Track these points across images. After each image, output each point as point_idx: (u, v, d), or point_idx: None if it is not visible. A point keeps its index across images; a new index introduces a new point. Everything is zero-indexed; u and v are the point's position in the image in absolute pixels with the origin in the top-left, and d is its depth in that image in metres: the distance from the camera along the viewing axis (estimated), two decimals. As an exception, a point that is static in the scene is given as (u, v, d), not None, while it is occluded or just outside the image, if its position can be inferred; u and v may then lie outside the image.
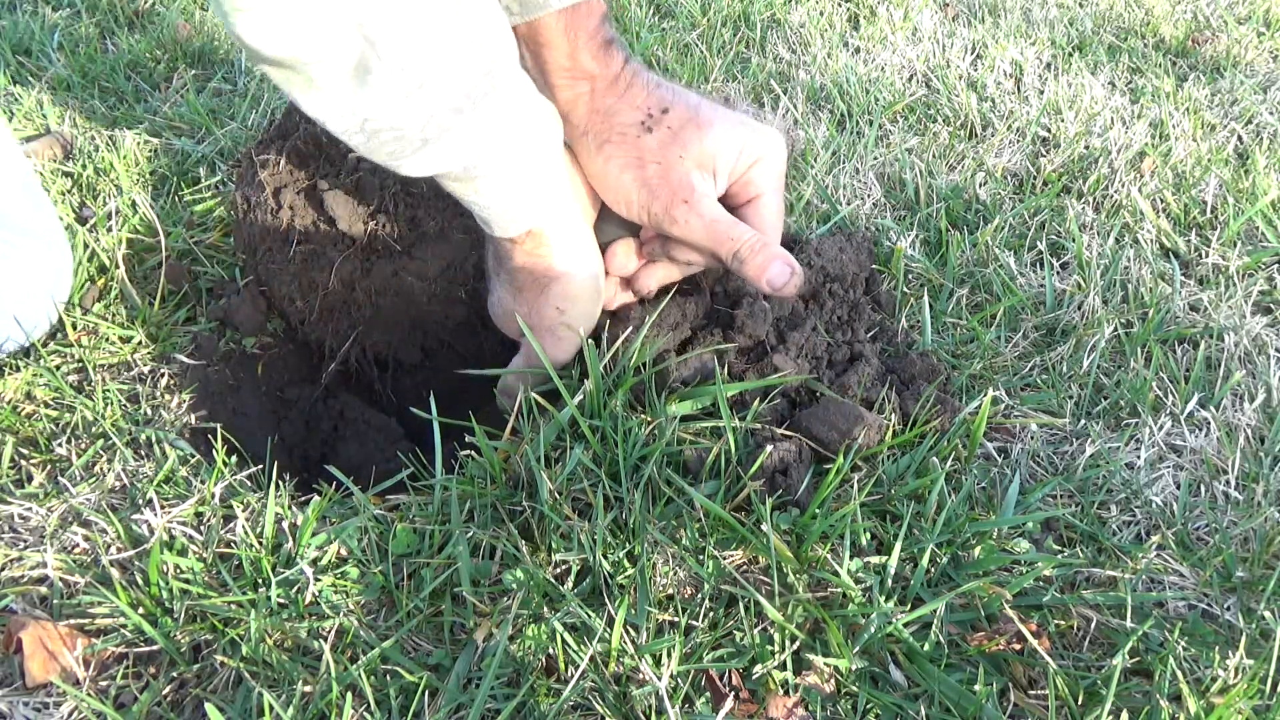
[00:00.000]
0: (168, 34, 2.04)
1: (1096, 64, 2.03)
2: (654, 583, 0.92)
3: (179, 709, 0.85)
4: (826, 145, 1.68)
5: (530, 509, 0.98)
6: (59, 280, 1.22)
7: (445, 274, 1.26)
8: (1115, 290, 1.36)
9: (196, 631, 0.89)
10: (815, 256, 1.23)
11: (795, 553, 0.93)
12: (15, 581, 0.94)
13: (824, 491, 0.95)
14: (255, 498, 1.01)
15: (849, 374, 1.10)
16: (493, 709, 0.83)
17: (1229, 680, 0.83)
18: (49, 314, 1.20)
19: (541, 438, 1.01)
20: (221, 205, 1.46)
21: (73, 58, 1.93)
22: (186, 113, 1.75)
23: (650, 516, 0.96)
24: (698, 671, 0.86)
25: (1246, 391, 1.20)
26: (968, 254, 1.42)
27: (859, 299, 1.23)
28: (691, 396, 1.05)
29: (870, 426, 1.02)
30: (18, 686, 0.85)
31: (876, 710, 0.85)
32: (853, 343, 1.17)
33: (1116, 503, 1.07)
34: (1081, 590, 0.96)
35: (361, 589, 0.93)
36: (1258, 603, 0.94)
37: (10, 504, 1.00)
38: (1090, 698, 0.84)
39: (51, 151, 1.60)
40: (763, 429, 1.04)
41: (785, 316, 1.15)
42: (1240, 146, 1.74)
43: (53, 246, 1.22)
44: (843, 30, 2.16)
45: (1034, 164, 1.67)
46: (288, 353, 1.39)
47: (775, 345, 1.11)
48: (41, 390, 1.15)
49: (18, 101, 1.76)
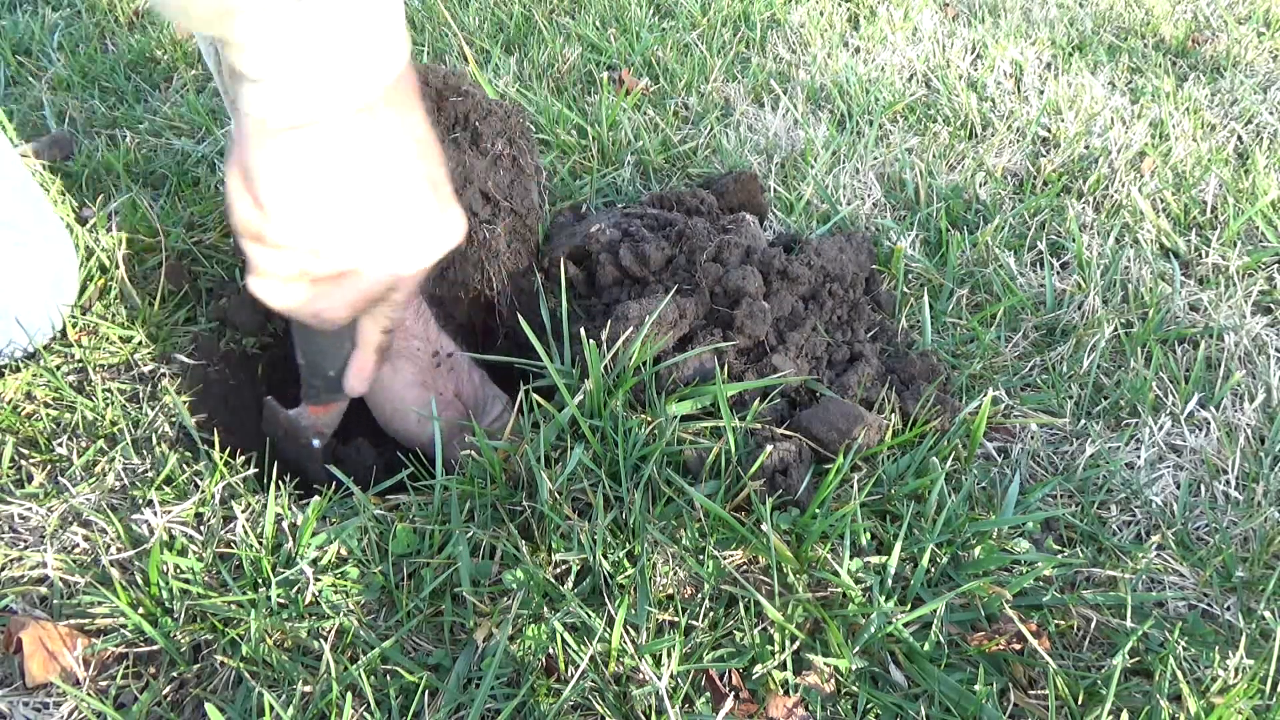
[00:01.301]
0: (168, 34, 2.04)
1: (1096, 64, 2.03)
2: (654, 583, 0.92)
3: (179, 709, 0.85)
4: (826, 145, 1.68)
5: (530, 509, 0.98)
6: (63, 284, 1.22)
7: (445, 274, 1.26)
8: (1115, 290, 1.36)
9: (196, 631, 0.89)
10: (815, 256, 1.23)
11: (795, 553, 0.93)
12: (15, 581, 0.94)
13: (824, 491, 0.95)
14: (255, 498, 1.01)
15: (849, 374, 1.10)
16: (493, 709, 0.83)
17: (1229, 680, 0.83)
18: (52, 319, 1.19)
19: (541, 438, 1.01)
20: (221, 205, 1.46)
21: (73, 58, 1.93)
22: (186, 113, 1.75)
23: (650, 516, 0.96)
24: (698, 671, 0.86)
25: (1246, 391, 1.20)
26: (968, 254, 1.42)
27: (859, 299, 1.23)
28: (691, 396, 1.05)
29: (870, 426, 1.02)
30: (18, 686, 0.85)
31: (876, 710, 0.85)
32: (853, 343, 1.17)
33: (1116, 503, 1.07)
34: (1081, 590, 0.96)
35: (361, 589, 0.93)
36: (1258, 603, 0.94)
37: (10, 504, 1.00)
38: (1090, 698, 0.84)
39: (52, 153, 1.60)
40: (763, 429, 1.04)
41: (785, 317, 1.15)
42: (1240, 146, 1.74)
43: (56, 250, 1.22)
44: (843, 30, 2.16)
45: (1034, 164, 1.67)
46: (288, 353, 1.39)
47: (775, 345, 1.11)
48: (42, 390, 1.15)
49: (18, 101, 1.76)
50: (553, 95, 1.83)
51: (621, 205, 1.49)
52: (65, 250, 1.23)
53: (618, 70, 1.94)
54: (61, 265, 1.22)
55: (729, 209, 1.46)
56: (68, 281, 1.23)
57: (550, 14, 2.17)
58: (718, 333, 1.11)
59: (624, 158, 1.62)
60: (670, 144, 1.67)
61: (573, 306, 1.22)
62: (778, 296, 1.15)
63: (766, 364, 1.09)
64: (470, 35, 2.05)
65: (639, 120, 1.71)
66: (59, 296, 1.20)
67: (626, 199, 1.54)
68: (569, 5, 2.22)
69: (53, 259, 1.21)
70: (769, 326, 1.11)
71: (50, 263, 1.21)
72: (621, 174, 1.58)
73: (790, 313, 1.16)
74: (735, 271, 1.14)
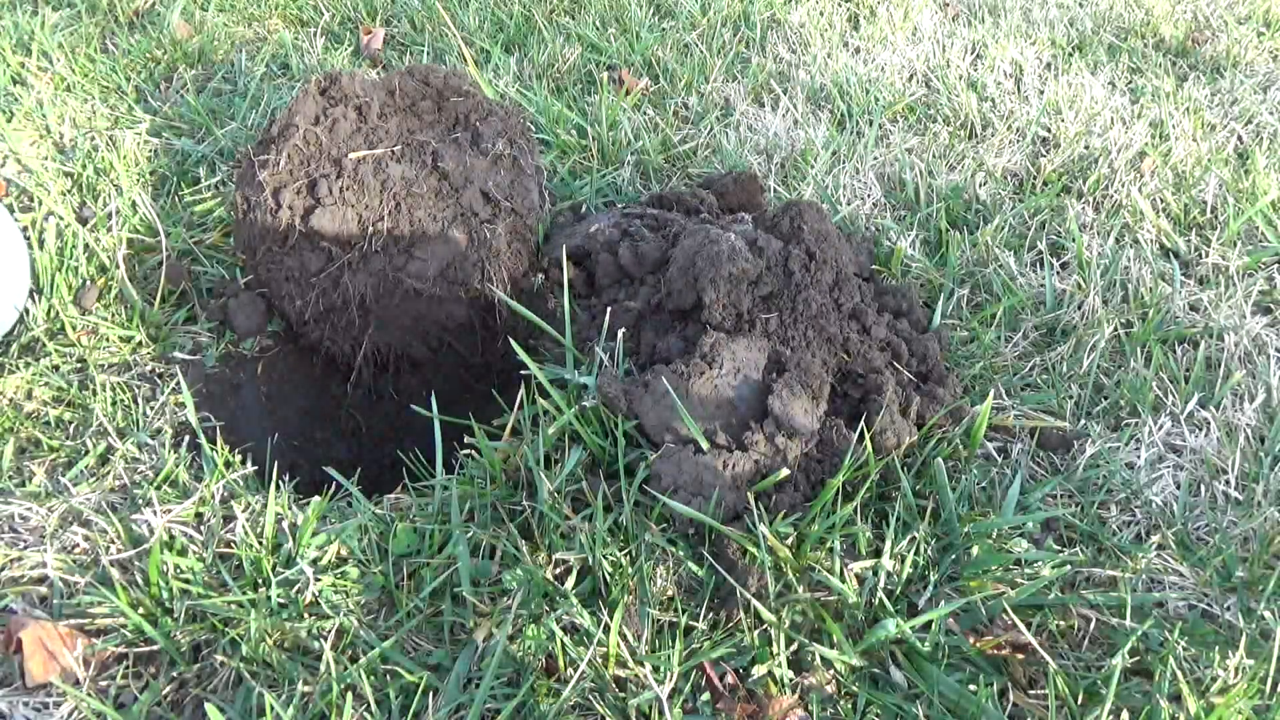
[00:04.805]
0: (168, 34, 2.04)
1: (1096, 64, 2.03)
2: (654, 583, 0.92)
3: (179, 709, 0.85)
4: (826, 145, 1.68)
5: (530, 509, 0.98)
6: (15, 286, 1.20)
7: (445, 274, 1.26)
8: (1115, 290, 1.36)
9: (196, 631, 0.89)
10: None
11: (795, 554, 0.93)
12: (15, 581, 0.94)
13: (826, 494, 0.95)
14: (255, 497, 1.01)
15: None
16: (493, 709, 0.83)
17: (1229, 680, 0.83)
18: (6, 320, 1.18)
19: (541, 438, 1.01)
20: (221, 205, 1.46)
21: (73, 58, 1.93)
22: (186, 113, 1.75)
23: (649, 521, 0.96)
24: (698, 671, 0.86)
25: (1246, 391, 1.20)
26: (968, 254, 1.42)
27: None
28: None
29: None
30: (18, 686, 0.85)
31: (876, 710, 0.85)
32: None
33: (1116, 503, 1.07)
34: (1081, 590, 0.96)
35: (361, 589, 0.93)
36: (1258, 603, 0.94)
37: (10, 504, 1.00)
38: (1090, 697, 0.84)
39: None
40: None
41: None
42: (1240, 146, 1.74)
43: (6, 251, 1.20)
44: (843, 30, 2.16)
45: (1034, 164, 1.67)
46: (287, 353, 1.39)
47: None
48: (42, 390, 1.15)
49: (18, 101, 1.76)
50: (553, 95, 1.83)
51: (621, 205, 1.49)
52: (17, 254, 1.21)
53: (618, 70, 1.94)
54: (13, 270, 1.20)
55: (729, 209, 1.46)
56: (19, 284, 1.20)
57: (550, 14, 2.18)
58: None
59: (624, 158, 1.62)
60: (670, 144, 1.67)
61: (572, 306, 1.22)
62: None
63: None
64: (470, 35, 2.05)
65: (639, 120, 1.71)
66: (13, 300, 1.18)
67: (626, 199, 1.54)
68: (569, 5, 2.22)
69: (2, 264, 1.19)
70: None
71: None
72: (621, 174, 1.58)
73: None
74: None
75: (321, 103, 1.29)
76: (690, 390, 1.02)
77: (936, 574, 0.94)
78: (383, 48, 2.02)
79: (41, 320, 1.23)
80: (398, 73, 1.34)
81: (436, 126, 1.32)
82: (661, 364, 1.08)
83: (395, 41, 2.07)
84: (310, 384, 1.44)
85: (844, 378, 1.11)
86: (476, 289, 1.28)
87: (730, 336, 1.08)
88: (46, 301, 1.25)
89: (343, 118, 1.27)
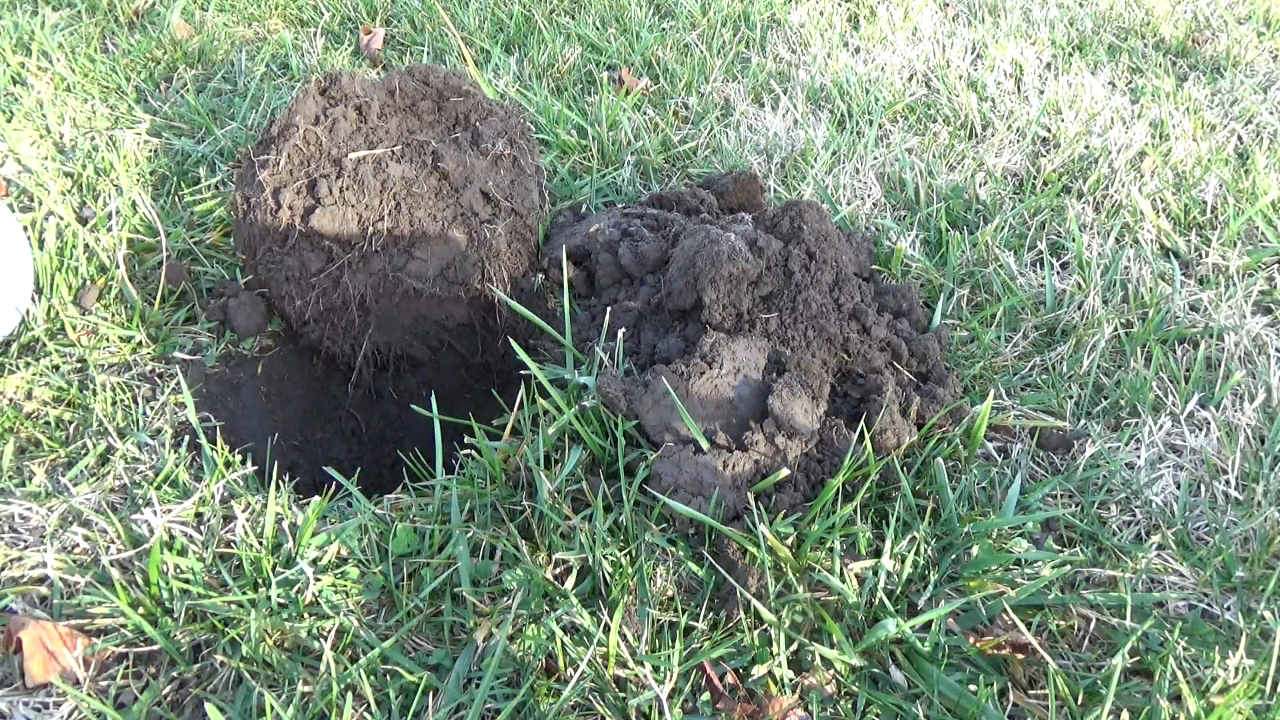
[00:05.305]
0: (167, 34, 2.04)
1: (1096, 64, 2.04)
2: (654, 583, 0.92)
3: (179, 709, 0.85)
4: (826, 145, 1.68)
5: (530, 509, 0.98)
6: (18, 287, 1.20)
7: (445, 274, 1.26)
8: (1115, 290, 1.36)
9: (196, 631, 0.89)
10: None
11: (795, 554, 0.93)
12: (15, 581, 0.94)
13: (826, 494, 0.95)
14: (255, 497, 1.01)
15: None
16: (493, 709, 0.83)
17: (1229, 680, 0.83)
18: (8, 322, 1.18)
19: (541, 438, 1.01)
20: (221, 205, 1.46)
21: (73, 58, 1.93)
22: (186, 113, 1.75)
23: (649, 521, 0.96)
24: (698, 671, 0.86)
25: (1246, 391, 1.20)
26: (968, 254, 1.42)
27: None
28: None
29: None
30: (18, 686, 0.85)
31: (876, 710, 0.85)
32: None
33: (1116, 503, 1.07)
34: (1081, 590, 0.96)
35: (361, 589, 0.93)
36: (1258, 603, 0.94)
37: (10, 504, 1.00)
38: (1090, 697, 0.84)
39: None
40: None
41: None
42: (1240, 146, 1.74)
43: (10, 254, 1.21)
44: (843, 30, 2.16)
45: (1034, 164, 1.67)
46: (287, 353, 1.39)
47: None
48: (42, 390, 1.15)
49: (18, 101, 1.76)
50: (553, 95, 1.83)
51: (621, 205, 1.49)
52: (20, 255, 1.21)
53: (618, 70, 1.94)
54: (16, 271, 1.20)
55: (729, 209, 1.46)
56: (23, 286, 1.20)
57: (550, 14, 2.18)
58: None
59: (624, 158, 1.62)
60: (670, 144, 1.67)
61: (572, 306, 1.22)
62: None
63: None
64: (470, 35, 2.05)
65: (639, 120, 1.72)
66: (16, 302, 1.18)
67: (626, 199, 1.54)
68: (569, 5, 2.22)
69: (6, 265, 1.19)
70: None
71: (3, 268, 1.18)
72: (621, 174, 1.58)
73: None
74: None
75: (321, 103, 1.29)
76: (690, 390, 1.02)
77: (936, 574, 0.94)
78: (383, 48, 2.02)
79: (41, 320, 1.23)
80: (398, 73, 1.34)
81: (436, 126, 1.32)
82: (661, 364, 1.08)
83: (395, 41, 2.07)
84: (310, 384, 1.44)
85: (844, 378, 1.11)
86: (476, 289, 1.28)
87: (730, 336, 1.08)
88: (46, 301, 1.25)
89: (343, 118, 1.27)
